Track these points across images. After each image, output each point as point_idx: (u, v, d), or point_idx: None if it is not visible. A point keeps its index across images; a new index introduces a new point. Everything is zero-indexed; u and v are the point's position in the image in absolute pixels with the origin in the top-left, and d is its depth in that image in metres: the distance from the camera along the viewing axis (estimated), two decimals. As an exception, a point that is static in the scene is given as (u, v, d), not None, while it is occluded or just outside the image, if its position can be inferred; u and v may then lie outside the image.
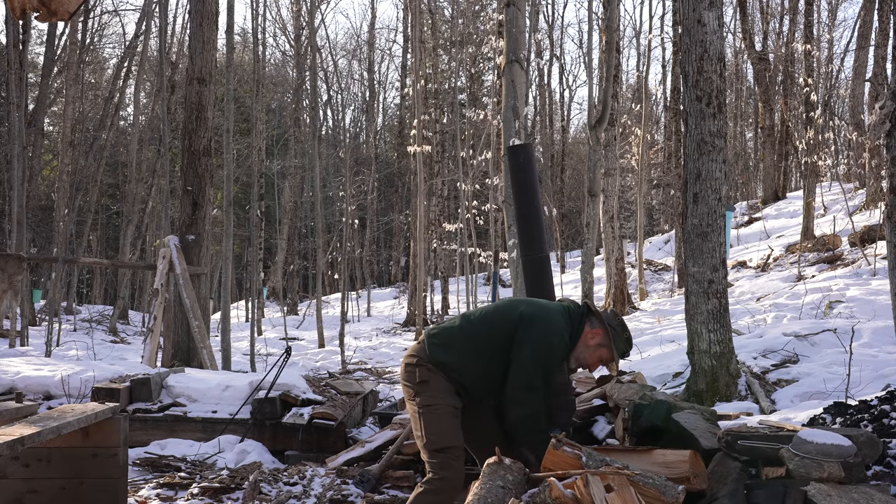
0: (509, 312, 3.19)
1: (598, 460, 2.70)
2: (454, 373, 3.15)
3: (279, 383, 5.85)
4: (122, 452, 3.77)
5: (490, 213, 19.05)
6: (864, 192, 17.06)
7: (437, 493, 3.02)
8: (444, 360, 3.16)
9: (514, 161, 5.24)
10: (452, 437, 3.08)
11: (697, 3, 5.69)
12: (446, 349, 3.17)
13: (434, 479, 3.04)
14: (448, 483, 3.03)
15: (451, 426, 3.10)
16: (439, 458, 3.05)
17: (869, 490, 2.55)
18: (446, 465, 3.04)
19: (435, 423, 3.09)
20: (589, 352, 3.17)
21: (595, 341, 3.16)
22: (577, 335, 3.16)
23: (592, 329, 3.17)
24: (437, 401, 3.12)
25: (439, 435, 3.07)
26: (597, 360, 3.18)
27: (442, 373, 3.15)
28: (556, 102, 35.76)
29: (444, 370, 3.15)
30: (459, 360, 3.15)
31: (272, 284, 28.31)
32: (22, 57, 13.98)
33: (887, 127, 5.13)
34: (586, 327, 3.18)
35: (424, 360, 3.19)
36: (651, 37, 20.26)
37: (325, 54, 30.70)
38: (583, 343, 3.16)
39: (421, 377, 3.16)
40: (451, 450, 3.06)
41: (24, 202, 13.30)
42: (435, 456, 3.06)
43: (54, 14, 2.31)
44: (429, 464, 3.08)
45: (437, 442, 3.07)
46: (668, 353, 7.77)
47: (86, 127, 24.45)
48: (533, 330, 3.09)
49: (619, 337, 3.16)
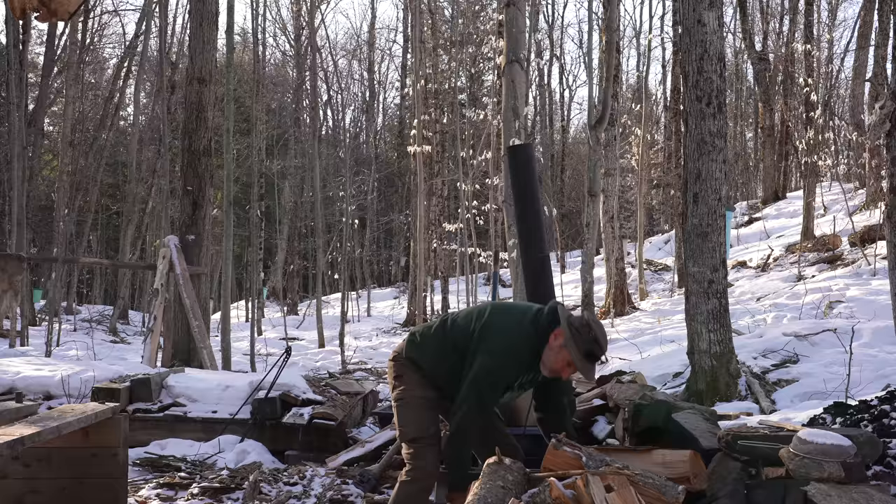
0: (477, 320, 3.13)
1: (598, 460, 2.70)
2: (424, 370, 3.22)
3: (279, 383, 5.84)
4: (122, 452, 3.78)
5: (490, 213, 19.04)
6: (864, 192, 17.06)
7: (412, 482, 3.09)
8: (415, 358, 3.24)
9: (514, 161, 5.24)
10: (423, 428, 3.14)
11: (697, 3, 5.69)
12: (420, 348, 3.25)
13: (409, 469, 3.11)
14: (421, 472, 3.09)
15: (422, 417, 3.16)
16: (413, 448, 3.13)
17: (869, 490, 2.55)
18: (419, 455, 3.10)
19: (406, 414, 3.18)
20: (553, 354, 2.96)
21: (558, 342, 2.94)
22: (545, 339, 2.98)
23: (556, 330, 2.97)
24: (409, 393, 3.20)
25: (410, 426, 3.16)
26: (563, 363, 2.94)
27: (415, 368, 3.23)
28: (556, 102, 35.80)
29: (416, 366, 3.23)
30: (430, 359, 3.21)
31: (272, 284, 28.30)
32: (22, 57, 13.99)
33: (887, 127, 5.13)
34: (554, 329, 2.99)
35: (401, 357, 3.29)
36: (651, 37, 20.27)
37: (325, 54, 30.66)
38: (549, 346, 2.97)
39: (396, 372, 3.28)
40: (423, 439, 3.11)
41: (24, 202, 13.31)
42: (409, 446, 3.14)
43: (54, 14, 2.31)
44: (405, 455, 3.16)
45: (409, 433, 3.15)
46: (668, 353, 7.77)
47: (86, 127, 24.46)
48: (485, 343, 3.01)
49: (580, 337, 2.88)
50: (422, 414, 3.16)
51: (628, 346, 9.56)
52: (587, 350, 2.90)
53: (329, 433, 5.56)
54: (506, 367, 3.00)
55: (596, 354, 2.94)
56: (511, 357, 3.00)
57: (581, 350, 2.89)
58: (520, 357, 3.01)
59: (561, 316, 2.97)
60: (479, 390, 2.98)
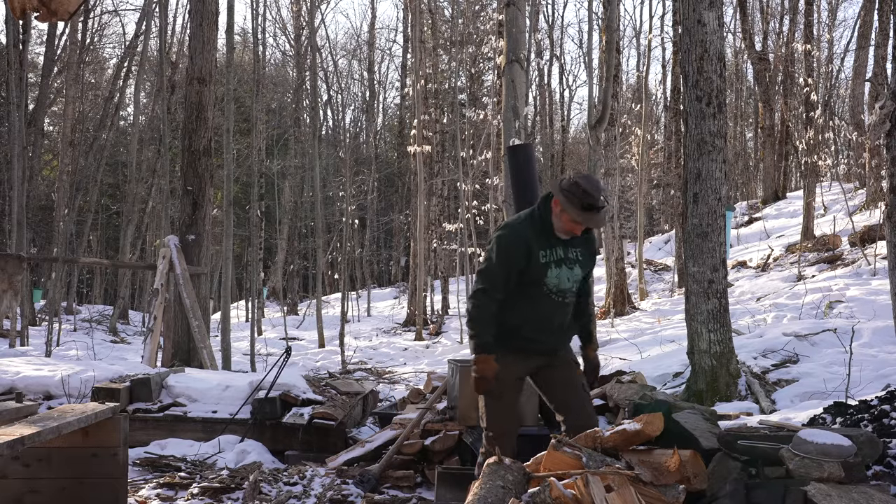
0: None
1: (598, 460, 2.70)
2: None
3: (279, 383, 5.84)
4: (122, 452, 3.78)
5: (490, 213, 19.04)
6: (864, 192, 17.06)
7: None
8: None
9: (514, 161, 5.24)
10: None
11: (697, 3, 5.69)
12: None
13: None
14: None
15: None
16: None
17: (869, 490, 2.55)
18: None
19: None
20: (558, 220, 3.34)
21: (558, 208, 3.31)
22: (549, 212, 3.37)
23: (553, 199, 3.35)
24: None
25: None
26: (569, 223, 3.30)
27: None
28: (556, 102, 35.73)
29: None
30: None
31: (272, 284, 28.29)
32: (22, 57, 13.98)
33: (887, 127, 5.13)
34: (551, 200, 3.39)
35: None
36: (651, 37, 20.26)
37: (325, 54, 30.68)
38: (553, 215, 3.35)
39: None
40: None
41: (24, 202, 13.30)
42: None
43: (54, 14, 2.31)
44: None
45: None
46: (668, 353, 7.76)
47: (86, 127, 24.44)
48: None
49: (573, 196, 3.24)
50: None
51: (628, 346, 9.56)
52: (581, 204, 3.23)
53: (329, 433, 5.56)
54: (502, 251, 3.34)
55: (591, 204, 3.24)
56: (504, 241, 3.36)
57: (577, 206, 3.23)
58: (519, 235, 3.36)
59: (552, 188, 3.37)
60: (480, 273, 3.42)
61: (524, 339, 3.38)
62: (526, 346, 3.40)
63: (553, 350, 3.46)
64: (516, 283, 3.34)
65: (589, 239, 3.49)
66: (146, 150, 25.36)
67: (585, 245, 3.47)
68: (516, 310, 3.36)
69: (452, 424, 4.89)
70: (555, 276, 3.35)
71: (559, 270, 3.35)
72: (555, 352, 3.47)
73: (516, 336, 3.37)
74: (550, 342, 3.43)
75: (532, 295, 3.36)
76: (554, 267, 3.34)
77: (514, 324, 3.37)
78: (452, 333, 17.74)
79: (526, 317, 3.36)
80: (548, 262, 3.34)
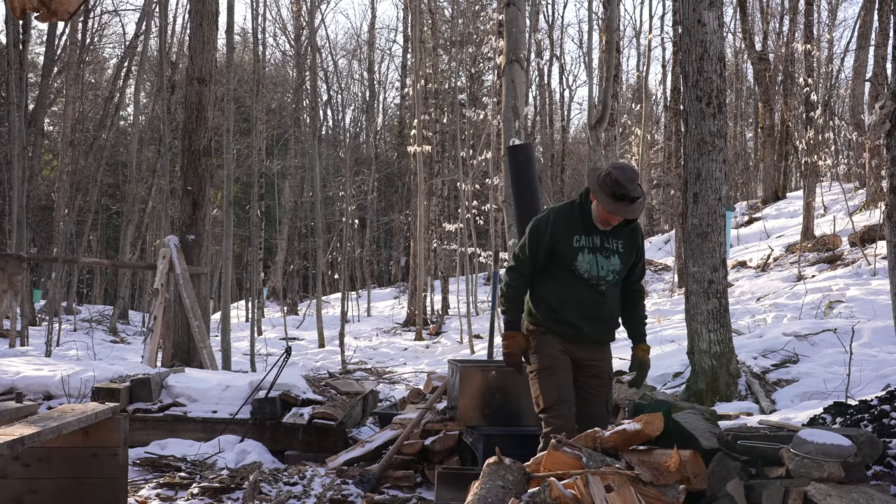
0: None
1: (598, 460, 2.70)
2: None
3: (279, 383, 5.84)
4: (122, 452, 3.77)
5: (490, 213, 19.04)
6: (864, 192, 17.05)
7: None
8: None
9: (514, 161, 5.24)
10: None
11: (697, 3, 5.69)
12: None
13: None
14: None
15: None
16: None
17: (869, 490, 2.55)
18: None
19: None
20: (595, 212, 3.43)
21: (594, 202, 3.42)
22: (589, 202, 3.47)
23: (590, 193, 3.45)
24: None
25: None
26: (605, 214, 3.39)
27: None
28: (556, 102, 35.73)
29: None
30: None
31: (272, 284, 28.28)
32: (22, 57, 13.98)
33: (887, 127, 5.13)
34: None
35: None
36: (651, 37, 20.27)
37: (325, 54, 30.69)
38: (594, 208, 3.44)
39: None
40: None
41: (24, 202, 13.30)
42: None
43: (54, 14, 2.31)
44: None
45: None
46: (668, 353, 7.76)
47: (86, 127, 24.44)
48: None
49: (605, 187, 3.33)
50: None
51: (628, 346, 9.54)
52: (612, 194, 3.31)
53: (329, 433, 5.56)
54: (532, 231, 3.52)
55: (622, 193, 3.31)
56: (535, 222, 3.55)
57: (608, 196, 3.32)
58: (550, 217, 3.51)
59: (588, 178, 3.51)
60: (513, 255, 3.62)
61: (563, 322, 3.48)
62: (565, 331, 3.48)
63: (590, 339, 3.53)
64: (549, 262, 3.49)
65: (634, 231, 3.55)
66: (146, 150, 25.36)
67: (630, 237, 3.53)
68: (552, 290, 3.50)
69: (452, 424, 4.89)
70: (586, 261, 3.44)
71: (592, 257, 3.45)
72: (592, 342, 3.54)
73: (556, 318, 3.49)
74: (586, 329, 3.49)
75: (566, 277, 3.47)
76: (587, 252, 3.45)
77: (552, 304, 3.49)
78: (452, 333, 17.74)
79: (562, 298, 3.48)
80: (580, 246, 3.45)
